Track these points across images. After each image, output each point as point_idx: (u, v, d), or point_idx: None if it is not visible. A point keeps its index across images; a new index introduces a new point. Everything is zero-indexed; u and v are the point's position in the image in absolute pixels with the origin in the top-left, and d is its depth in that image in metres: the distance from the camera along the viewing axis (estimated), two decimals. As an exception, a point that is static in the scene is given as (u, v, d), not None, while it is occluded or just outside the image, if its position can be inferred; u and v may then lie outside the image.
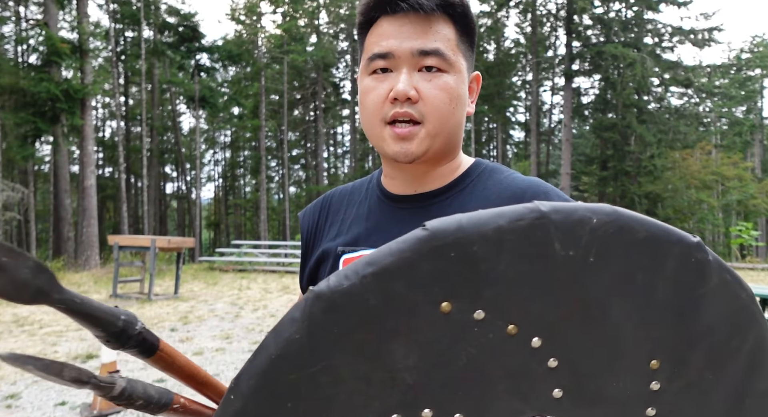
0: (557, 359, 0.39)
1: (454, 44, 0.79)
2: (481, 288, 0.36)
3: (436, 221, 0.35)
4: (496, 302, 0.36)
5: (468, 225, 0.35)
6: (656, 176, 24.17)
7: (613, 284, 0.38)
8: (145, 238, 9.65)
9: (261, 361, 0.34)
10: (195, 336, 6.51)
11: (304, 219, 1.00)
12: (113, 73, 21.68)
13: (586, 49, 25.31)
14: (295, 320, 0.34)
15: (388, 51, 0.77)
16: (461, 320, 0.36)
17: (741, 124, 32.66)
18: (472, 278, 0.35)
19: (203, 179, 37.63)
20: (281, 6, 26.16)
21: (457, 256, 0.35)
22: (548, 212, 0.36)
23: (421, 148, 0.78)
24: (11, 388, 4.56)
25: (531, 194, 0.79)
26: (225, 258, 17.00)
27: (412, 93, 0.75)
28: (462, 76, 0.80)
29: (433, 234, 0.34)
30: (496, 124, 32.88)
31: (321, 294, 0.34)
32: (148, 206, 24.00)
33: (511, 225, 0.35)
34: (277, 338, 0.34)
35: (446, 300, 0.35)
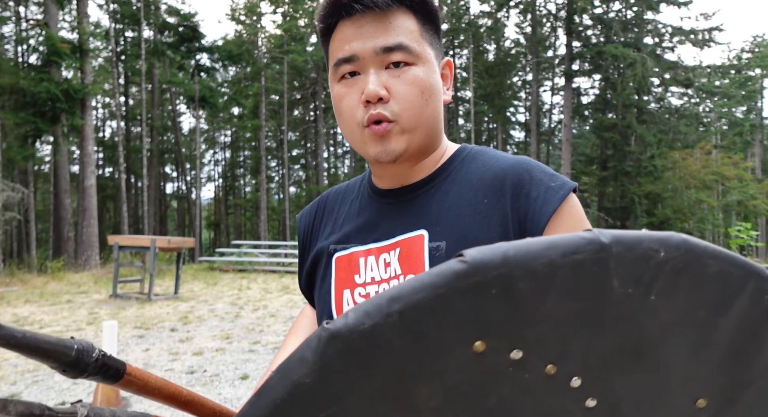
0: (596, 399, 0.36)
1: (418, 35, 0.78)
2: (521, 327, 0.32)
3: (476, 252, 0.31)
4: (537, 342, 0.33)
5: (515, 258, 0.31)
6: (656, 176, 24.18)
7: (670, 323, 0.35)
8: (145, 238, 9.65)
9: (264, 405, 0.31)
10: (195, 336, 6.51)
11: (301, 220, 1.00)
12: (113, 73, 21.68)
13: (586, 49, 25.32)
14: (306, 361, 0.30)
15: (352, 54, 0.76)
16: (495, 360, 0.33)
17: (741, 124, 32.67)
18: (512, 317, 0.32)
19: (203, 179, 37.65)
20: (281, 6, 26.18)
21: (499, 293, 0.31)
22: (609, 244, 0.31)
23: (400, 144, 0.77)
24: (11, 388, 4.56)
25: (513, 174, 0.77)
26: (225, 258, 17.00)
27: (382, 93, 0.75)
28: (431, 65, 0.79)
29: (473, 268, 0.30)
30: (496, 124, 32.88)
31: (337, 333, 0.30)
32: (148, 206, 24.00)
33: (564, 259, 0.31)
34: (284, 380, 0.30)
35: (480, 339, 0.32)
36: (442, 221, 0.79)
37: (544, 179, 0.75)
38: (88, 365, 0.59)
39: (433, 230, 0.78)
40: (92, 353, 0.60)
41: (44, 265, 16.11)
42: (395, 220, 0.83)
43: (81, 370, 0.59)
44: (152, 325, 7.12)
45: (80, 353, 0.59)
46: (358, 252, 0.85)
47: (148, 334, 6.62)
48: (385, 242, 0.82)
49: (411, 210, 0.82)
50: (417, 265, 0.78)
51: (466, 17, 28.53)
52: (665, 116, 25.51)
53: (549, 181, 0.75)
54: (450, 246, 0.77)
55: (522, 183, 0.76)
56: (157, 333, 6.68)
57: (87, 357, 0.59)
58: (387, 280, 0.81)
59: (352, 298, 0.84)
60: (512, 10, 27.95)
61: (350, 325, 0.30)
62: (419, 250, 0.78)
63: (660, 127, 24.66)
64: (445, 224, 0.78)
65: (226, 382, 4.63)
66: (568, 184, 0.76)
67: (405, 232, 0.81)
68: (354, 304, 0.83)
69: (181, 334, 6.64)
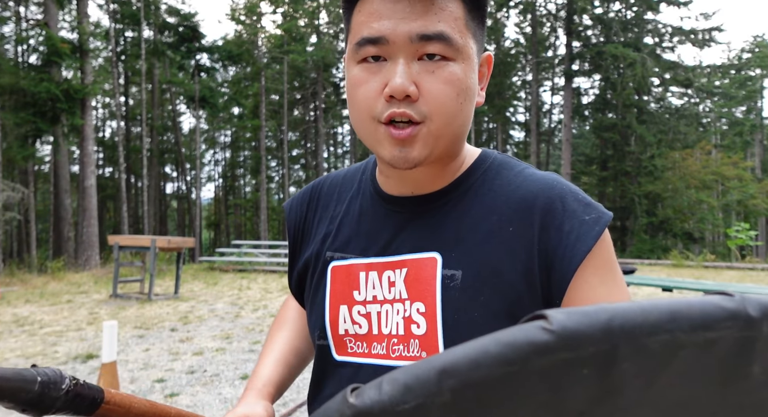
0: None
1: (463, 24, 0.65)
2: (608, 413, 0.25)
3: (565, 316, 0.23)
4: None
5: (622, 330, 0.23)
6: (656, 176, 24.19)
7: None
8: (145, 238, 9.65)
9: None
10: (195, 336, 6.51)
11: (291, 212, 0.88)
12: (113, 73, 21.69)
13: (586, 49, 25.33)
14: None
15: (381, 35, 0.63)
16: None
17: (741, 124, 32.67)
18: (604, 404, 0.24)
19: (203, 179, 37.67)
20: (281, 6, 26.18)
21: (593, 374, 0.23)
22: (758, 320, 0.24)
23: (423, 152, 0.65)
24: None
25: (544, 200, 0.67)
26: (225, 258, 17.00)
27: (411, 89, 0.62)
28: (471, 63, 0.66)
29: (563, 341, 0.22)
30: (496, 124, 32.89)
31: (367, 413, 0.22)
32: (148, 206, 24.01)
33: (692, 337, 0.23)
34: None
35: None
36: (460, 246, 0.69)
37: (578, 211, 0.66)
38: (55, 400, 0.49)
39: (448, 255, 0.69)
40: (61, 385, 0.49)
41: (44, 265, 16.12)
42: (404, 234, 0.73)
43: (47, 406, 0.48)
44: (152, 325, 7.12)
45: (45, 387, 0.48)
46: (358, 265, 0.75)
47: (148, 334, 6.62)
48: (391, 258, 0.73)
49: (423, 225, 0.72)
50: (427, 293, 0.69)
51: (466, 17, 28.50)
52: (665, 116, 25.53)
53: (583, 213, 0.65)
54: (466, 277, 0.67)
55: (554, 213, 0.66)
56: (157, 333, 6.68)
57: (54, 390, 0.49)
58: (391, 302, 0.72)
59: (350, 315, 0.75)
60: (512, 10, 27.96)
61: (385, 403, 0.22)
62: (430, 275, 0.69)
63: (660, 127, 24.68)
64: (463, 250, 0.68)
65: (227, 382, 4.63)
66: (603, 217, 0.66)
67: (415, 250, 0.71)
68: (352, 322, 0.75)
69: (182, 334, 6.64)
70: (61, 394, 0.49)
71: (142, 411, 0.58)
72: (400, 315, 0.71)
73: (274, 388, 0.84)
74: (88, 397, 0.53)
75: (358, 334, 0.75)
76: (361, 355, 0.75)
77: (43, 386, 0.49)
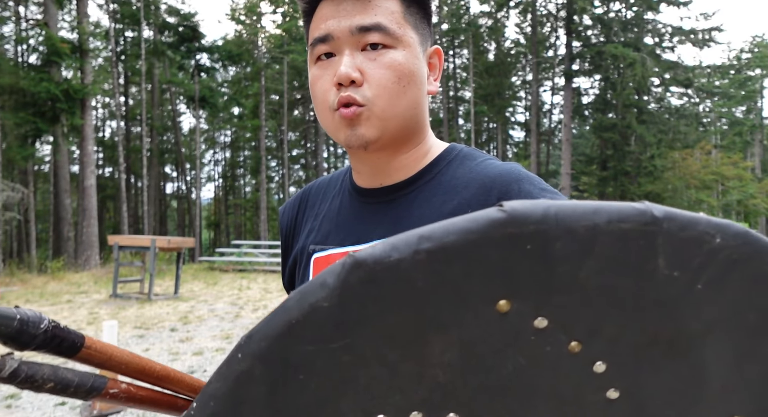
0: (619, 391, 0.33)
1: (400, 16, 0.73)
2: (550, 292, 0.30)
3: (518, 204, 0.29)
4: (564, 312, 0.31)
5: (556, 216, 0.29)
6: (656, 176, 24.18)
7: (715, 321, 0.32)
8: (145, 238, 9.65)
9: (279, 323, 0.30)
10: (195, 336, 6.51)
11: (283, 215, 0.95)
12: (113, 73, 21.69)
13: (586, 49, 25.32)
14: (326, 286, 0.29)
15: (327, 33, 0.72)
16: (518, 324, 0.31)
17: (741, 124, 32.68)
18: (543, 279, 0.30)
19: (203, 179, 37.66)
20: (281, 6, 26.17)
21: (534, 250, 0.29)
22: (661, 219, 0.29)
23: (371, 131, 0.72)
24: (11, 388, 4.56)
25: (501, 183, 0.72)
26: (225, 258, 17.00)
27: (354, 75, 0.70)
28: (413, 50, 0.73)
29: (512, 218, 0.29)
30: (496, 124, 32.88)
31: (362, 262, 0.29)
32: (148, 206, 24.00)
33: (610, 226, 0.29)
34: (301, 302, 0.30)
35: (506, 298, 0.30)
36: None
37: (533, 192, 0.71)
38: (34, 337, 0.53)
39: None
40: (39, 324, 0.54)
41: (44, 265, 16.12)
42: (374, 223, 0.79)
43: (25, 343, 0.53)
44: (152, 325, 7.12)
45: (24, 324, 0.53)
46: (336, 254, 0.81)
47: (148, 334, 6.62)
48: (363, 245, 0.77)
49: (391, 213, 0.78)
50: None
51: (466, 17, 28.52)
52: (665, 116, 25.52)
53: (538, 196, 0.70)
54: None
55: (509, 195, 0.71)
56: (157, 333, 6.68)
57: (33, 328, 0.53)
58: None
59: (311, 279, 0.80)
60: (512, 10, 27.96)
61: (376, 255, 0.29)
62: None
63: (660, 127, 24.67)
64: None
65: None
66: (557, 198, 0.70)
67: (384, 236, 0.76)
68: None
69: (181, 334, 6.64)
70: (39, 332, 0.53)
71: (123, 360, 0.61)
72: None
73: None
74: (68, 339, 0.57)
75: None
76: None
77: (22, 323, 0.52)
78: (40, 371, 0.55)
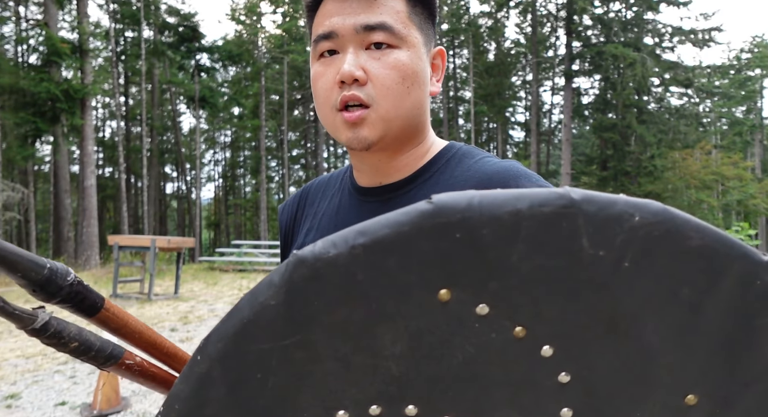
0: (570, 375, 0.33)
1: (405, 16, 0.72)
2: (486, 279, 0.31)
3: (444, 196, 0.30)
4: (503, 298, 0.31)
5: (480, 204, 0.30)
6: (656, 176, 24.18)
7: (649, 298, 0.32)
8: (145, 238, 9.65)
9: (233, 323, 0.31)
10: (195, 336, 6.51)
11: (282, 213, 0.95)
12: (113, 73, 21.69)
13: (586, 49, 25.32)
14: (273, 285, 0.30)
15: (331, 30, 0.71)
16: (461, 312, 0.31)
17: (741, 124, 32.68)
18: (477, 266, 0.31)
19: (203, 179, 37.65)
20: (281, 6, 26.17)
21: (463, 238, 0.30)
22: (579, 201, 0.30)
23: (374, 133, 0.71)
24: (11, 388, 4.56)
25: (499, 181, 0.71)
26: (225, 258, 17.00)
27: (358, 74, 0.69)
28: (417, 51, 0.73)
29: (438, 209, 0.30)
30: (496, 124, 32.88)
31: (304, 259, 0.30)
32: (148, 206, 24.01)
33: (531, 210, 0.30)
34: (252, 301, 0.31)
35: (446, 287, 0.31)
36: None
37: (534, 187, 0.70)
38: (61, 289, 0.53)
39: None
40: (67, 276, 0.54)
41: (44, 265, 16.10)
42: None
43: (52, 293, 0.53)
44: (152, 325, 7.12)
45: (53, 274, 0.53)
46: None
47: (148, 334, 6.63)
48: None
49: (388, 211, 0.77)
50: None
51: (466, 17, 28.53)
52: (665, 116, 25.52)
53: None
54: None
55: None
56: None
57: (61, 279, 0.53)
58: None
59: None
60: (512, 10, 27.97)
61: (316, 252, 0.30)
62: None
63: (660, 127, 24.66)
64: None
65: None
66: None
67: None
68: None
69: (182, 334, 6.64)
70: (66, 283, 0.54)
71: (137, 329, 0.61)
72: None
73: None
74: (90, 298, 0.56)
75: None
76: None
77: (52, 272, 0.53)
78: (67, 329, 0.54)
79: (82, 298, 0.55)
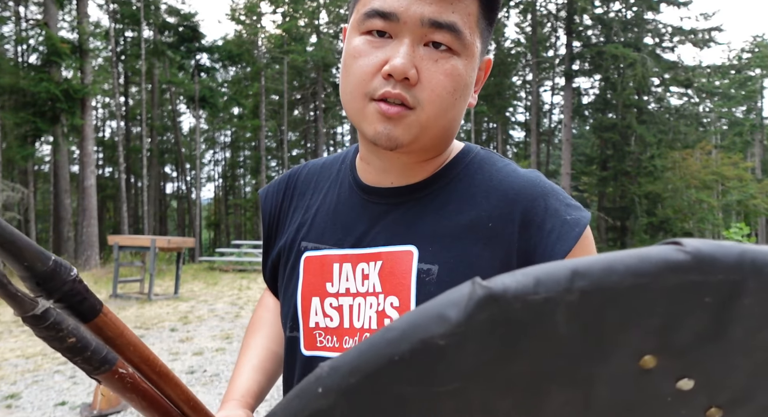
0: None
1: (474, 21, 0.64)
2: (712, 353, 0.25)
3: (702, 243, 0.23)
4: (716, 375, 0.26)
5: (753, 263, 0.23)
6: (656, 176, 24.18)
7: None
8: (145, 238, 9.65)
9: (377, 357, 0.24)
10: (195, 336, 6.50)
11: (266, 200, 0.86)
12: (113, 73, 21.69)
13: (586, 49, 25.32)
14: (447, 321, 0.23)
15: (393, 11, 0.62)
16: (658, 384, 0.26)
17: (741, 125, 32.68)
18: (708, 338, 0.24)
19: (203, 179, 37.66)
20: (281, 6, 26.17)
21: (714, 304, 0.23)
22: None
23: (407, 136, 0.64)
24: (11, 388, 4.56)
25: (526, 197, 0.66)
26: (225, 258, 17.00)
27: (411, 73, 0.62)
28: (474, 62, 0.66)
29: (697, 263, 0.22)
30: (496, 124, 32.89)
31: (498, 297, 0.23)
32: (148, 206, 24.00)
33: None
34: (409, 335, 0.24)
35: (654, 353, 0.25)
36: (437, 240, 0.67)
37: (560, 210, 0.65)
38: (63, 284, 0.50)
39: (425, 249, 0.68)
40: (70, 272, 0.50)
41: (44, 265, 16.09)
42: (380, 226, 0.72)
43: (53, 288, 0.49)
44: (152, 325, 7.12)
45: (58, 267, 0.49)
46: (332, 256, 0.74)
47: (148, 334, 6.62)
48: (365, 250, 0.71)
49: (401, 218, 0.71)
50: (402, 287, 0.67)
51: (466, 17, 28.51)
52: (665, 116, 25.53)
53: (565, 213, 0.65)
54: (442, 272, 0.66)
55: (535, 211, 0.65)
56: (157, 333, 6.68)
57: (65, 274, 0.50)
58: (364, 295, 0.70)
59: (321, 307, 0.73)
60: (512, 10, 27.95)
61: (517, 290, 0.23)
62: (406, 269, 0.68)
63: (660, 127, 24.67)
64: (440, 245, 0.67)
65: (227, 382, 4.63)
66: (584, 218, 0.65)
67: (391, 243, 0.70)
68: (324, 314, 0.74)
69: (181, 334, 6.64)
70: (69, 279, 0.50)
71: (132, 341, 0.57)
72: (374, 309, 0.70)
73: (252, 399, 0.80)
74: (89, 299, 0.53)
75: (329, 327, 0.73)
76: (331, 350, 0.73)
77: (57, 265, 0.49)
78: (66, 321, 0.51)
79: (82, 299, 0.52)
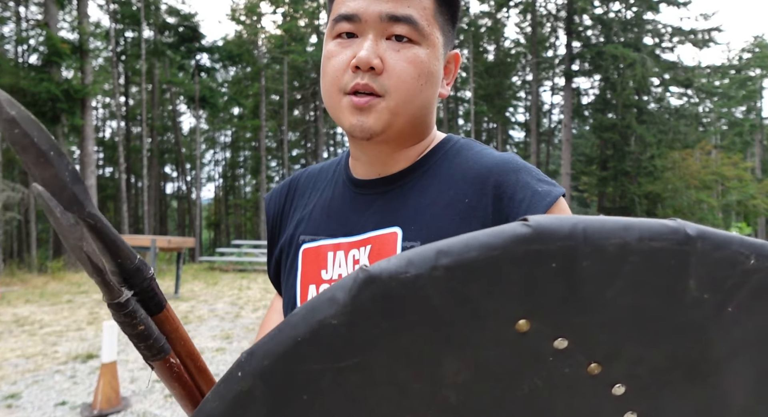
0: (636, 414, 0.32)
1: (431, 14, 0.71)
2: (573, 313, 0.28)
3: (543, 218, 0.27)
4: (585, 332, 0.29)
5: (584, 232, 0.27)
6: (656, 176, 24.19)
7: (741, 345, 0.30)
8: (145, 238, 9.65)
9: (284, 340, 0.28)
10: (195, 336, 6.51)
11: (270, 203, 0.92)
12: (113, 73, 21.69)
13: (586, 50, 25.33)
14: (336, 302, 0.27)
15: (354, 13, 0.69)
16: (536, 345, 0.29)
17: (741, 124, 32.68)
18: (567, 299, 0.28)
19: (203, 179, 37.66)
20: (281, 6, 26.17)
21: (559, 268, 0.27)
22: (694, 237, 0.27)
23: (379, 123, 0.70)
24: (11, 388, 4.57)
25: (498, 173, 0.70)
26: (225, 258, 17.00)
27: (375, 62, 0.68)
28: (435, 51, 0.72)
29: (536, 234, 0.27)
30: (496, 124, 32.88)
31: (375, 278, 0.27)
32: (148, 206, 24.01)
33: (640, 244, 0.27)
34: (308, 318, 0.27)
35: (526, 317, 0.28)
36: (419, 219, 0.72)
37: (530, 182, 0.69)
38: (143, 280, 0.55)
39: (408, 228, 0.72)
40: (149, 270, 0.55)
41: (44, 265, 16.12)
42: (368, 214, 0.77)
43: (136, 283, 0.54)
44: (152, 325, 7.13)
45: (141, 264, 0.54)
46: (327, 246, 0.79)
47: (148, 334, 6.63)
48: (356, 237, 0.76)
49: (386, 204, 0.76)
50: None
51: (466, 17, 28.52)
52: (665, 116, 25.53)
53: (536, 185, 0.69)
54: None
55: (507, 184, 0.69)
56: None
57: (145, 271, 0.55)
58: None
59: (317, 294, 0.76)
60: (512, 10, 27.99)
61: (391, 270, 0.27)
62: (392, 248, 0.72)
63: (660, 128, 24.67)
64: (421, 223, 0.72)
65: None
66: (555, 190, 0.69)
67: (378, 228, 0.75)
68: None
69: (181, 334, 6.64)
70: (147, 277, 0.54)
71: (184, 337, 0.62)
72: None
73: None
74: (159, 296, 0.57)
75: None
76: None
77: (141, 263, 0.53)
78: (139, 311, 0.55)
79: (153, 295, 0.57)
